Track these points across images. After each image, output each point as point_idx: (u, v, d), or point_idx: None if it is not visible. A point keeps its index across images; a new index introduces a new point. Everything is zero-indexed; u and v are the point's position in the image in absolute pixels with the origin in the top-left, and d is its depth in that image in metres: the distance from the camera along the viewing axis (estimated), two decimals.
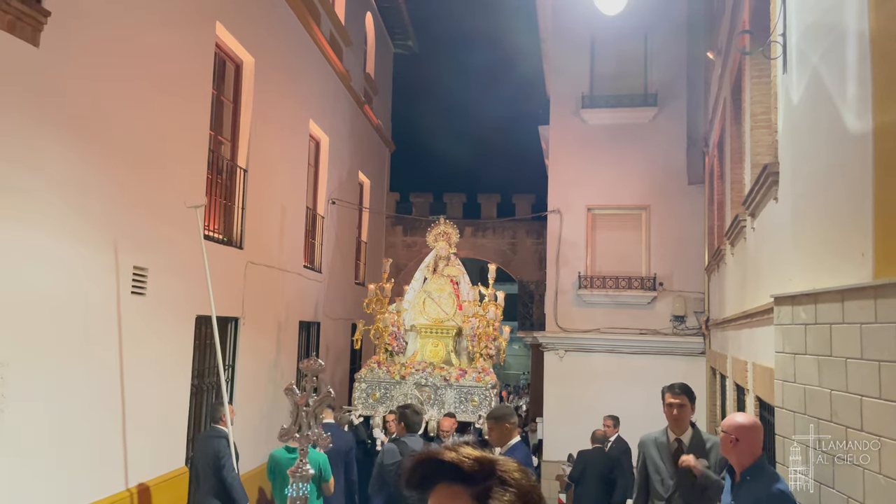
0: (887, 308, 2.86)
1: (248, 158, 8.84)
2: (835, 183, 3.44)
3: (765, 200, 4.99)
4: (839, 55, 3.39)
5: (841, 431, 3.22)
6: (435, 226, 10.66)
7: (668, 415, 4.31)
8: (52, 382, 5.13)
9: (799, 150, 3.99)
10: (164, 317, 6.74)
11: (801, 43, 3.95)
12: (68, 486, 5.33)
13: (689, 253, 11.82)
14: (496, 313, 9.64)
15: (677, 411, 4.26)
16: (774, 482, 3.28)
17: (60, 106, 5.21)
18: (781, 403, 3.93)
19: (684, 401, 4.27)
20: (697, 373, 11.55)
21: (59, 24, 5.08)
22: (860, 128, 3.12)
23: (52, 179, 5.14)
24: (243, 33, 8.56)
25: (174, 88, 6.88)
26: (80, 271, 5.46)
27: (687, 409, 4.28)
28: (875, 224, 2.96)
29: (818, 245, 3.66)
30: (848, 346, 3.16)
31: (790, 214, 4.14)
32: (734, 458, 3.43)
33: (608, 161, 12.29)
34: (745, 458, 3.38)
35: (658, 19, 12.26)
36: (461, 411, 8.70)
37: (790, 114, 4.18)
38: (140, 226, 6.30)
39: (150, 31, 6.39)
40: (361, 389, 9.18)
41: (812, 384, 3.53)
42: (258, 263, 9.03)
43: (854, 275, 3.14)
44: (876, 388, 2.92)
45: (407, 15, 16.96)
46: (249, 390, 8.78)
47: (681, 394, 4.29)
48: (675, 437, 4.30)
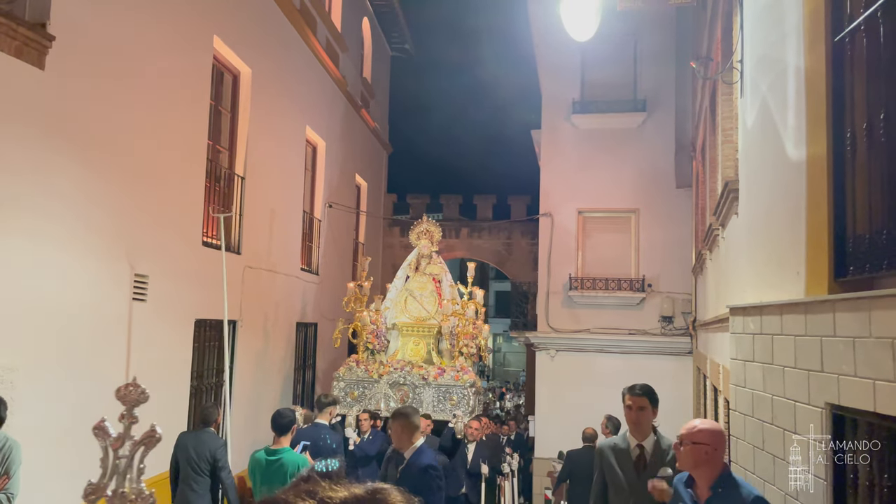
0: (814, 323, 3.15)
1: (245, 166, 9.14)
2: (778, 204, 3.73)
3: (730, 214, 5.29)
4: (782, 87, 3.67)
5: (779, 433, 3.52)
6: (417, 224, 10.58)
7: (627, 418, 3.92)
8: (58, 386, 5.45)
9: (751, 171, 4.28)
10: (164, 321, 7.05)
11: (753, 72, 4.23)
12: (73, 487, 5.65)
13: (677, 255, 12.10)
14: (477, 311, 9.60)
15: (637, 415, 3.85)
16: (750, 490, 2.95)
17: (65, 124, 5.52)
18: (735, 406, 4.23)
19: (644, 403, 3.86)
20: (685, 372, 11.86)
21: (63, 47, 5.39)
22: (797, 156, 3.42)
23: (59, 194, 5.46)
24: (240, 46, 8.86)
25: (174, 102, 7.19)
26: (84, 280, 5.78)
27: (648, 412, 3.86)
28: (807, 245, 3.26)
29: (765, 261, 3.96)
30: (785, 356, 3.46)
31: (745, 230, 4.44)
32: (707, 470, 2.97)
33: (599, 165, 12.57)
34: (716, 470, 2.97)
35: (647, 26, 12.52)
36: (439, 410, 8.65)
37: (746, 136, 4.47)
38: (141, 235, 6.61)
39: (150, 50, 6.70)
40: (340, 388, 9.07)
41: (758, 389, 3.83)
42: (256, 267, 9.35)
43: (791, 291, 3.44)
44: (806, 394, 3.23)
45: (403, 19, 17.24)
46: (247, 391, 9.10)
47: (641, 395, 3.87)
48: (636, 443, 3.87)
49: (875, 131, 2.82)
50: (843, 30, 3.09)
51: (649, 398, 3.89)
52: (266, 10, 9.78)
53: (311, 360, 12.14)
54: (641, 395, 3.89)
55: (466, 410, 8.64)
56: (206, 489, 4.99)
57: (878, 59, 2.85)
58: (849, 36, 3.06)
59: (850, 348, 2.81)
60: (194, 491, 4.90)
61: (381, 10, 16.52)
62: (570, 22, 5.58)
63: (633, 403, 3.88)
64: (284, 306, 10.60)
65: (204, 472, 4.96)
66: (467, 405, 8.71)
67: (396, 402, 8.64)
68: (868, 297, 2.70)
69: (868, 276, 2.88)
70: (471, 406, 8.80)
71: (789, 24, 3.57)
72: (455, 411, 8.50)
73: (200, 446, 5.00)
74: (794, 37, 3.49)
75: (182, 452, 5.07)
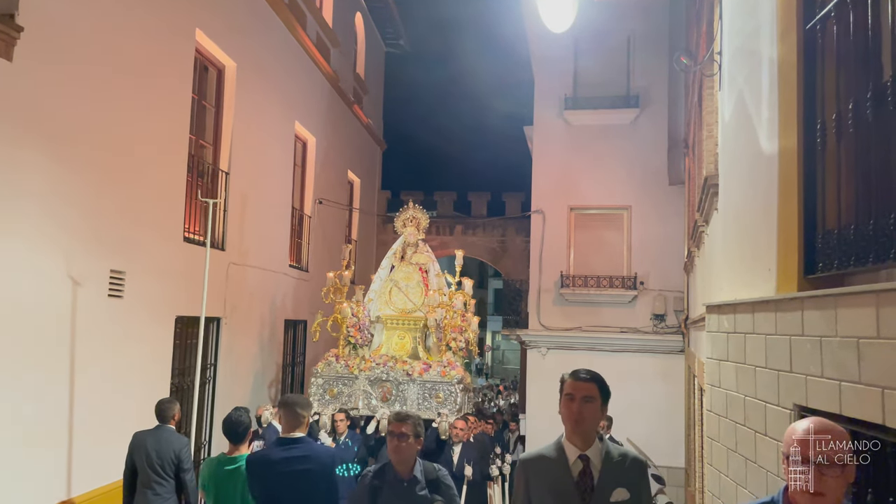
0: (785, 321, 3.05)
1: (230, 161, 9.04)
2: (753, 200, 3.62)
3: (711, 210, 5.18)
4: (757, 79, 3.57)
5: (751, 435, 3.42)
6: (403, 210, 9.82)
7: (565, 415, 2.68)
8: (28, 386, 5.35)
9: (728, 165, 4.17)
10: (142, 318, 6.95)
11: (731, 64, 4.13)
12: (44, 487, 5.56)
13: (669, 252, 11.99)
14: (466, 303, 8.90)
15: (580, 408, 2.63)
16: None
17: (35, 117, 5.42)
18: (710, 407, 4.12)
19: (593, 391, 2.66)
20: (677, 371, 11.77)
21: (33, 38, 5.28)
22: (770, 149, 3.31)
23: (27, 189, 5.35)
24: (224, 39, 8.75)
25: (152, 95, 7.08)
26: (54, 276, 5.68)
27: (596, 405, 2.66)
28: (778, 241, 3.16)
29: (740, 257, 3.85)
30: (757, 356, 3.36)
31: (722, 226, 4.33)
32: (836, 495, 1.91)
33: (591, 162, 12.46)
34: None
35: (641, 22, 12.40)
36: (424, 408, 8.06)
37: (724, 129, 4.36)
38: (117, 230, 6.51)
39: (127, 41, 6.59)
40: (318, 385, 8.36)
41: (732, 389, 3.73)
42: (240, 264, 9.24)
43: (763, 288, 3.33)
44: (776, 395, 3.12)
45: (397, 14, 17.11)
46: (230, 389, 9.00)
47: (589, 380, 2.68)
48: (577, 454, 2.66)
49: (844, 122, 2.72)
50: (815, 17, 2.98)
51: (599, 387, 2.68)
52: (252, 4, 9.66)
53: (300, 357, 12.04)
54: (589, 380, 2.67)
55: (453, 409, 8.08)
56: (171, 492, 4.79)
57: (847, 47, 2.74)
58: (819, 23, 2.95)
59: (818, 348, 2.71)
60: (158, 494, 4.67)
61: (375, 6, 16.39)
62: (548, 13, 5.47)
63: (574, 392, 2.65)
64: (271, 303, 10.50)
65: (168, 474, 4.76)
66: (454, 403, 8.08)
67: (377, 399, 8.13)
68: (834, 294, 2.60)
69: (837, 273, 2.78)
70: (458, 404, 8.23)
71: (763, 13, 3.46)
72: (441, 409, 7.91)
73: (163, 446, 4.78)
74: (768, 26, 3.39)
75: (140, 453, 4.80)
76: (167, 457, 4.80)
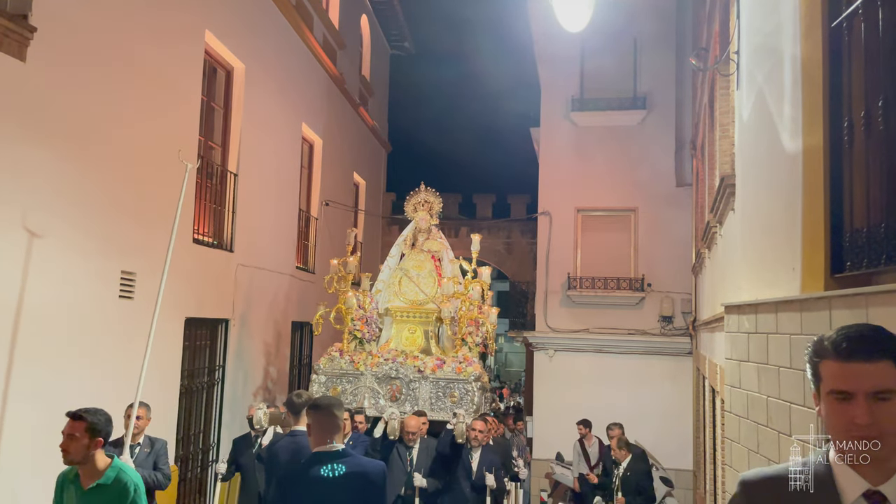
0: (810, 320, 3.02)
1: (238, 163, 9.03)
2: (774, 199, 3.60)
3: (726, 210, 5.16)
4: (778, 77, 3.54)
5: (774, 436, 3.39)
6: (414, 193, 8.93)
7: (838, 423, 1.57)
8: (43, 386, 5.33)
9: (747, 165, 4.15)
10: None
11: (749, 63, 4.11)
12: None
13: (677, 254, 11.96)
14: (483, 293, 8.05)
15: (871, 408, 1.50)
16: None
17: (48, 117, 5.41)
18: (730, 408, 4.09)
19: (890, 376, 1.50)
20: (684, 373, 11.73)
21: (46, 39, 5.27)
22: (793, 148, 3.29)
23: (40, 189, 5.34)
24: (233, 41, 8.74)
25: (163, 97, 7.07)
26: (66, 277, 5.67)
27: None
28: (803, 240, 3.13)
29: (760, 257, 3.82)
30: (780, 356, 3.33)
31: (741, 226, 4.31)
32: None
33: (597, 163, 12.44)
34: None
35: (648, 23, 12.39)
36: (437, 408, 7.36)
37: (742, 129, 4.34)
38: (128, 231, 6.50)
39: (138, 43, 6.58)
40: (320, 383, 7.68)
41: (753, 390, 3.70)
42: (249, 266, 9.23)
43: (786, 288, 3.30)
44: (801, 396, 3.09)
45: (403, 17, 17.12)
46: (239, 391, 8.98)
47: (880, 355, 1.50)
48: (864, 488, 1.56)
49: (873, 120, 2.69)
50: (841, 15, 2.96)
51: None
52: (261, 6, 9.66)
53: (307, 359, 12.02)
54: (880, 355, 1.51)
55: (470, 409, 7.25)
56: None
57: (876, 45, 2.72)
58: (846, 21, 2.93)
59: None
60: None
61: (380, 8, 16.40)
62: (563, 12, 5.45)
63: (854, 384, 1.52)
64: (279, 305, 10.48)
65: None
66: (471, 403, 7.34)
67: (385, 398, 7.44)
68: (865, 293, 2.57)
69: (866, 272, 2.75)
70: (476, 404, 7.40)
71: (785, 11, 3.44)
72: (456, 410, 7.10)
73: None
74: (790, 24, 3.36)
75: None
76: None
